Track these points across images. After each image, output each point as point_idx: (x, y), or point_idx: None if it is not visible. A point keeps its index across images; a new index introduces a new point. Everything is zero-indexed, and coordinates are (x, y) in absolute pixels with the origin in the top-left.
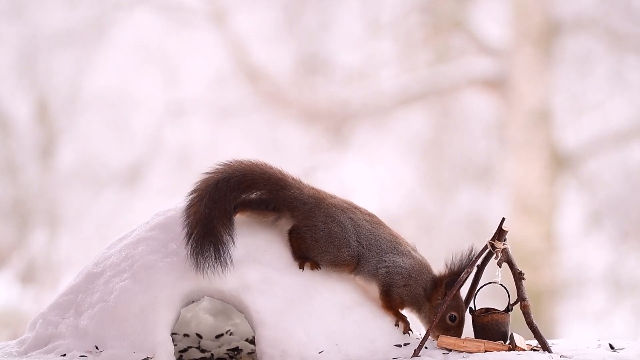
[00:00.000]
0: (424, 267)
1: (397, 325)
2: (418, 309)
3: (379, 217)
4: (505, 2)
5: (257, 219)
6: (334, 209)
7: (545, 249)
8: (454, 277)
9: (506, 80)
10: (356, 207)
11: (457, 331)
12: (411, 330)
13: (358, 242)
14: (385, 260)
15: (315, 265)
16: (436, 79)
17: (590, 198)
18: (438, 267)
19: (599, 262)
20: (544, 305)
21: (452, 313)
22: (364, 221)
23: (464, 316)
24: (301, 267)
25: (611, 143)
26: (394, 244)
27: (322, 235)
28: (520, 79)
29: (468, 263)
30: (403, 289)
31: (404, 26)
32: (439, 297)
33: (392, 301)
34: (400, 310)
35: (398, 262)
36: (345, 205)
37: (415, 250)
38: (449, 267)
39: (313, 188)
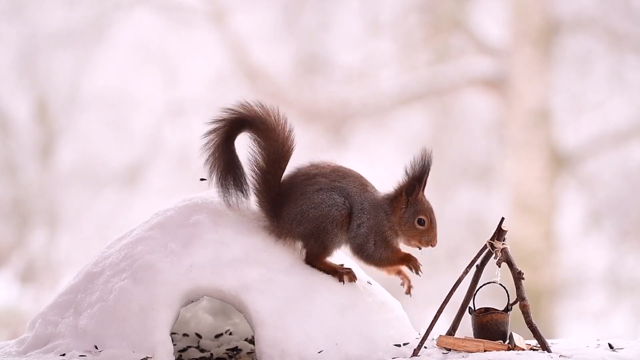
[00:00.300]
0: (377, 201)
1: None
2: (396, 236)
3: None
4: (504, 2)
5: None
6: (304, 191)
7: (545, 248)
8: (412, 181)
9: (506, 80)
10: (318, 174)
11: (430, 234)
12: (420, 271)
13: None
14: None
15: (352, 278)
16: (436, 79)
17: (589, 198)
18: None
19: (599, 262)
20: (544, 305)
21: (420, 217)
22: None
23: (434, 217)
24: (341, 280)
25: (611, 143)
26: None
27: (311, 221)
28: (519, 79)
29: (424, 164)
30: (374, 246)
31: (403, 26)
32: (403, 206)
33: (380, 263)
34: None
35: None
36: (311, 179)
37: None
38: (406, 173)
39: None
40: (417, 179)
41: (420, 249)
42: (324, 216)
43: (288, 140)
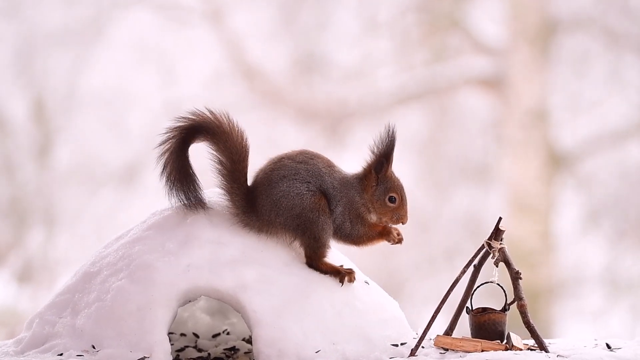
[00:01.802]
0: (347, 179)
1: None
2: (369, 212)
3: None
4: (502, 1)
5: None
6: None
7: (542, 248)
8: (379, 159)
9: (503, 79)
10: (284, 157)
11: (401, 211)
12: (400, 242)
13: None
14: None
15: (353, 279)
16: (433, 78)
17: (587, 197)
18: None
19: (596, 261)
20: (541, 304)
21: (391, 194)
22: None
23: (404, 195)
24: (341, 282)
25: (608, 142)
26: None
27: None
28: (517, 78)
29: (389, 141)
30: (351, 224)
31: (401, 25)
32: (373, 184)
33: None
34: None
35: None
36: (276, 162)
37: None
38: (373, 151)
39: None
40: (384, 156)
41: (390, 226)
42: (299, 206)
43: (243, 140)
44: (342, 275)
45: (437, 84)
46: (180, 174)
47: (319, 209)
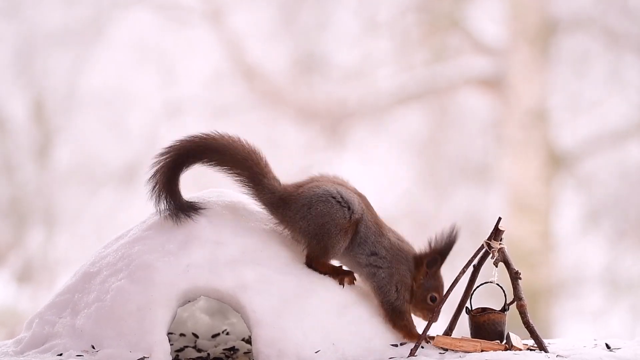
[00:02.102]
0: (402, 253)
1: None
2: (410, 296)
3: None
4: (502, 1)
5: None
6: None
7: (542, 248)
8: (435, 255)
9: (503, 79)
10: (343, 183)
11: (437, 312)
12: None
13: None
14: (374, 255)
15: (352, 280)
16: (433, 78)
17: (587, 197)
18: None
19: (596, 261)
20: (541, 304)
21: (433, 294)
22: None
23: (444, 296)
24: (341, 283)
25: (608, 142)
26: (378, 234)
27: (313, 218)
28: (517, 78)
29: (449, 240)
30: (395, 294)
31: (400, 25)
32: (422, 277)
33: (397, 319)
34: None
35: (381, 261)
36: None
37: (392, 233)
38: (431, 245)
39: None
40: (440, 254)
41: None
42: (329, 215)
43: (248, 145)
44: (341, 276)
45: (437, 84)
46: (165, 188)
47: (343, 228)
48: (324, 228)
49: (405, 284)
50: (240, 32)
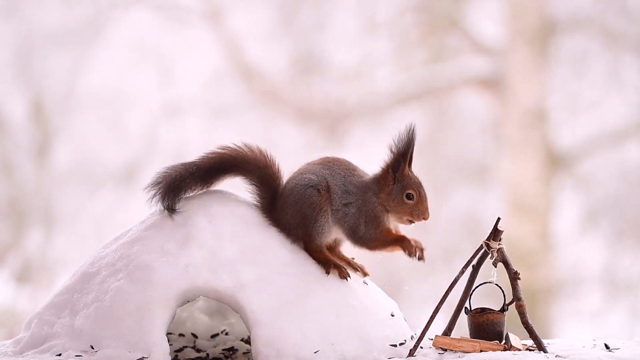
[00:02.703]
0: (369, 182)
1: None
2: (386, 212)
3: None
4: (500, 1)
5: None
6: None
7: (541, 248)
8: (397, 157)
9: (502, 80)
10: (308, 165)
11: (421, 207)
12: (414, 254)
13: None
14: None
15: (343, 274)
16: (432, 78)
17: (585, 197)
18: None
19: (595, 261)
20: (540, 304)
21: (408, 191)
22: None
23: (423, 191)
24: (327, 272)
25: (607, 142)
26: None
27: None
28: (515, 78)
29: (407, 140)
30: (365, 227)
31: (399, 25)
32: (390, 182)
33: (374, 245)
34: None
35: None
36: (299, 170)
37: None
38: (391, 150)
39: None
40: (402, 155)
41: (413, 223)
42: (301, 200)
43: (269, 158)
44: (327, 266)
45: (436, 84)
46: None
47: (317, 205)
48: (300, 213)
49: (371, 209)
50: (239, 32)
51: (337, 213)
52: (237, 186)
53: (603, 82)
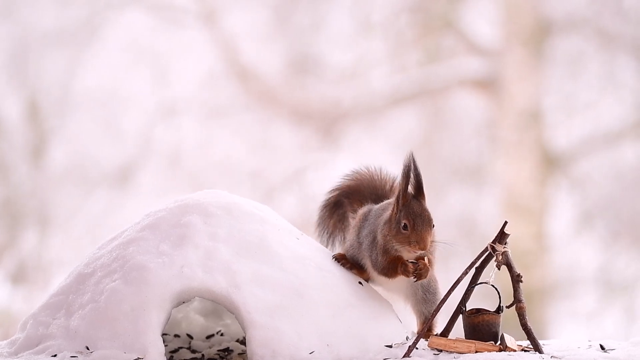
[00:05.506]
0: (384, 212)
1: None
2: (392, 242)
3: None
4: (496, 2)
5: None
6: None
7: (536, 249)
8: (401, 188)
9: (497, 80)
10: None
11: (414, 237)
12: (413, 275)
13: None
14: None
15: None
16: (427, 79)
17: (581, 198)
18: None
19: (590, 262)
20: (535, 305)
21: (403, 221)
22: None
23: (418, 220)
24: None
25: (602, 143)
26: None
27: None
28: (511, 79)
29: (404, 172)
30: (377, 255)
31: (395, 26)
32: (395, 212)
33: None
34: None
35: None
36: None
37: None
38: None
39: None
40: (404, 187)
41: (416, 252)
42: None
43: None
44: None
45: (431, 84)
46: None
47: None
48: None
49: (380, 238)
50: (234, 32)
51: (361, 244)
52: (233, 187)
53: (598, 83)
